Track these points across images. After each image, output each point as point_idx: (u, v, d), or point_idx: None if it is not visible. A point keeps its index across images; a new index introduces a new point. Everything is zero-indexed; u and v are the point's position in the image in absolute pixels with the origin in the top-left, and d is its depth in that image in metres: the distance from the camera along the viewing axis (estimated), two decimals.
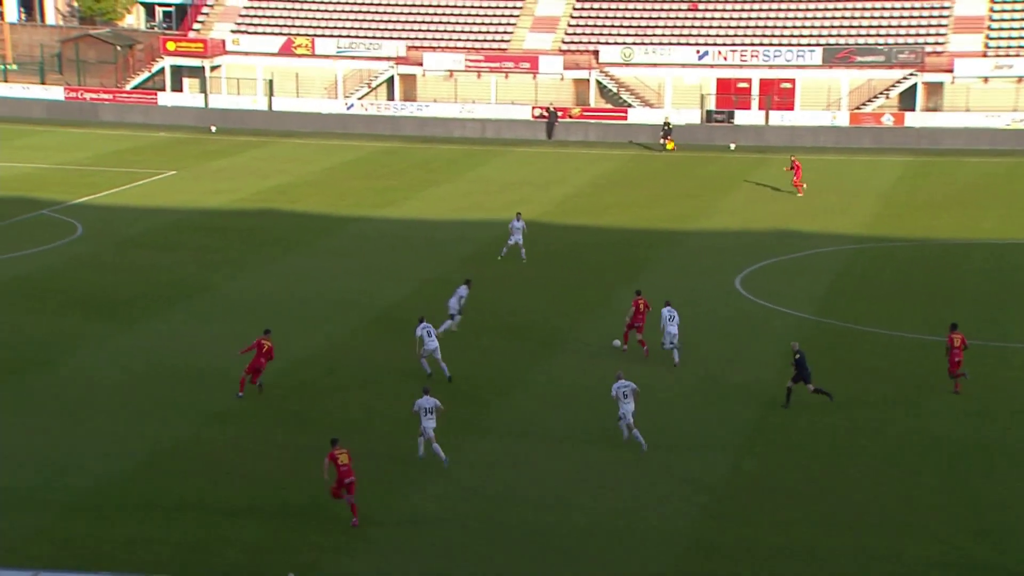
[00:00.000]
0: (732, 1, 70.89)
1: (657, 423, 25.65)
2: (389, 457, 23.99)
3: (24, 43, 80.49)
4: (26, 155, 55.41)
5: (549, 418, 26.12)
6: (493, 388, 27.74)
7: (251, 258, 38.57)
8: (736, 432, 25.44)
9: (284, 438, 24.77)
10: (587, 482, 23.17)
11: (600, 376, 28.48)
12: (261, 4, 73.96)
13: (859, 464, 24.00)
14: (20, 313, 31.85)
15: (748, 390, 27.69)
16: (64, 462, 23.35)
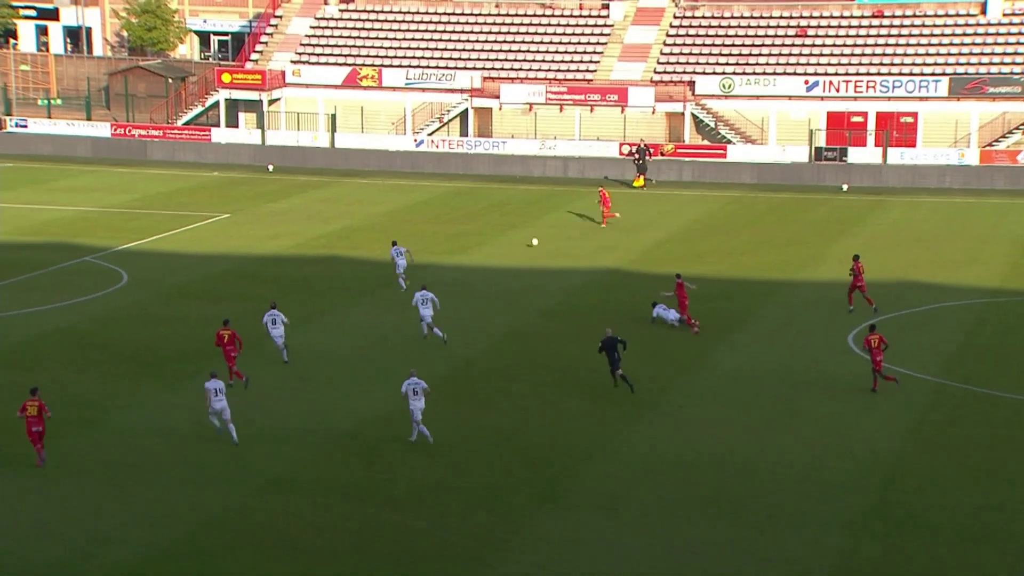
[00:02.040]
0: (845, 26, 70.71)
1: (761, 496, 25.34)
2: (460, 532, 24.02)
3: (70, 76, 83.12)
4: (70, 197, 56.99)
5: (638, 489, 25.95)
6: (575, 455, 27.68)
7: (309, 310, 39.09)
8: (851, 509, 25.03)
9: (345, 508, 24.93)
10: (681, 562, 22.94)
11: (695, 443, 28.26)
12: (324, 32, 75.55)
13: (996, 549, 23.43)
14: (61, 368, 32.62)
15: (864, 461, 27.27)
16: (105, 532, 23.74)
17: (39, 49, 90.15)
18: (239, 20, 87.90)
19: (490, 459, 27.34)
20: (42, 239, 47.77)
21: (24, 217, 52.28)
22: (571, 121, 69.16)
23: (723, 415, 30.18)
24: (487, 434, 28.75)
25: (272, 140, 69.81)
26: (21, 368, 32.45)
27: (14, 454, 26.87)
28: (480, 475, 26.45)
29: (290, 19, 76.49)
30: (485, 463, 27.11)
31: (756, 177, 63.90)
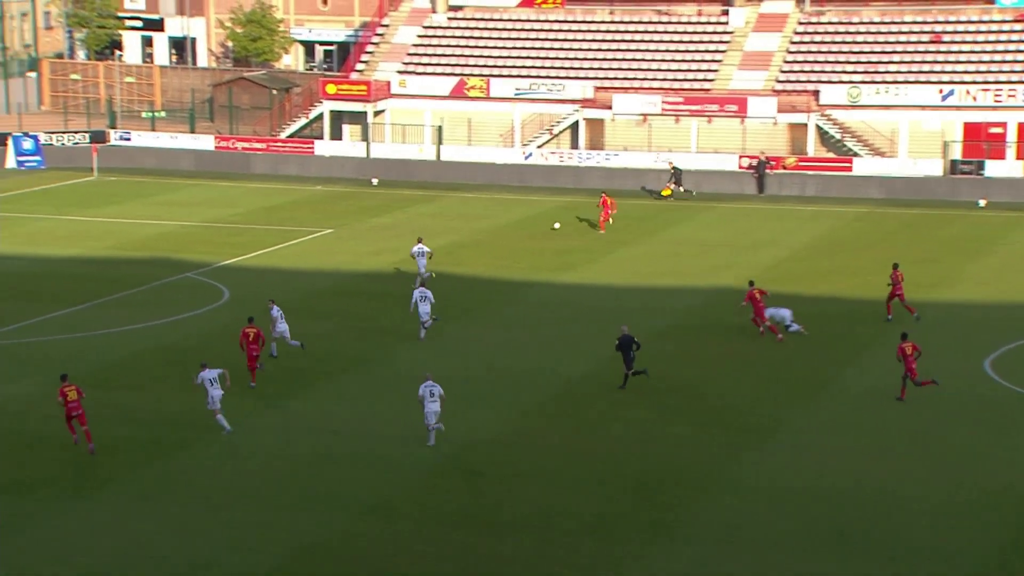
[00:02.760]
0: (984, 31, 69.16)
1: (891, 529, 24.75)
2: (567, 563, 23.88)
3: (174, 88, 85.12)
4: (172, 212, 58.24)
5: (757, 521, 25.55)
6: (688, 484, 27.37)
7: (413, 328, 39.34)
8: (988, 544, 24.31)
9: (447, 535, 24.96)
10: None
11: (818, 471, 27.75)
12: (431, 40, 76.24)
13: None
14: (160, 388, 33.27)
15: (1001, 496, 26.49)
16: (204, 556, 24.09)
17: (144, 60, 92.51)
18: (345, 29, 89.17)
19: (598, 486, 27.17)
20: (144, 254, 48.86)
21: (127, 232, 53.58)
22: (687, 133, 68.71)
23: (848, 442, 29.61)
24: (595, 460, 28.59)
25: (376, 153, 70.59)
26: (122, 387, 33.18)
27: (113, 475, 27.44)
28: (588, 503, 26.29)
29: (397, 28, 77.37)
30: (593, 490, 26.94)
31: (885, 192, 62.74)
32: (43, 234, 52.78)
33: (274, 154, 70.90)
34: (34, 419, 30.51)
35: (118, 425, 30.29)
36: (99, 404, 31.61)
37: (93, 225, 54.76)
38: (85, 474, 27.26)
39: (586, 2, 76.25)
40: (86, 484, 26.72)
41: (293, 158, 70.60)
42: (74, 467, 27.65)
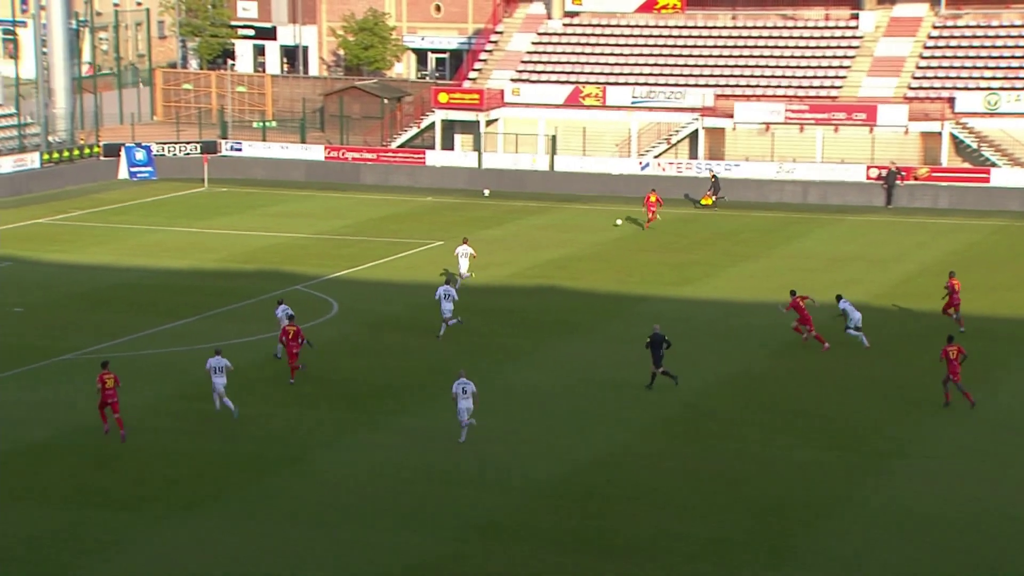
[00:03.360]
0: None
1: None
2: None
3: (285, 97, 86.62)
4: (282, 223, 59.19)
5: (883, 550, 25.05)
6: (811, 509, 26.95)
7: (524, 343, 39.39)
8: None
9: (558, 558, 24.89)
10: None
11: (949, 498, 27.12)
12: (546, 48, 76.44)
13: None
14: (268, 403, 33.78)
15: None
16: None
17: (256, 70, 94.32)
18: (458, 37, 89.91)
19: (716, 509, 26.90)
20: (254, 266, 49.69)
21: (236, 244, 54.56)
22: (812, 142, 67.85)
23: (983, 468, 28.91)
24: (713, 482, 28.31)
25: (488, 163, 70.93)
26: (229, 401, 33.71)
27: (219, 491, 27.91)
28: (705, 526, 26.04)
29: (511, 35, 77.75)
30: (711, 513, 26.68)
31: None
32: (154, 246, 54.02)
33: (384, 164, 71.66)
34: (145, 433, 31.15)
35: (224, 440, 30.82)
36: (205, 418, 32.22)
37: (203, 237, 55.89)
38: (193, 490, 27.74)
39: (708, 7, 75.82)
40: (194, 500, 27.18)
41: (403, 168, 71.29)
42: (182, 482, 28.16)
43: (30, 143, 69.50)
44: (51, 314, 40.78)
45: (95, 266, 49.36)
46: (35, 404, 32.85)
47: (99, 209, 61.94)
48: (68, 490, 27.54)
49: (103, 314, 40.27)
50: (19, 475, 28.33)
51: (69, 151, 69.96)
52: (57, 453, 29.71)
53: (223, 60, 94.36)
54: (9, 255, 51.01)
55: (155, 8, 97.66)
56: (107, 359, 32.21)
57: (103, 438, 30.70)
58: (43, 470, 28.61)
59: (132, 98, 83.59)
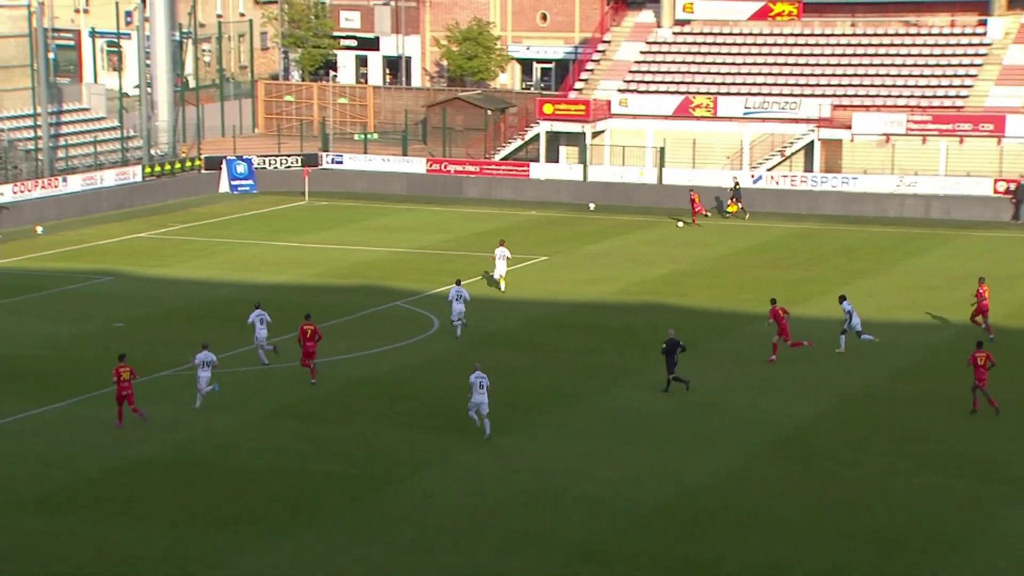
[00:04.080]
0: None
1: None
2: None
3: (387, 109, 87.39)
4: (383, 237, 59.65)
5: None
6: (937, 540, 26.33)
7: (631, 363, 39.15)
8: None
9: None
10: None
11: None
12: (656, 57, 76.18)
13: None
14: (369, 421, 33.96)
15: None
16: None
17: (358, 80, 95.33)
18: (564, 46, 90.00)
19: (834, 538, 26.42)
20: (354, 282, 50.09)
21: (337, 258, 55.08)
22: (935, 154, 66.64)
23: None
24: (830, 509, 27.83)
25: (594, 176, 70.82)
26: (329, 420, 34.00)
27: (320, 512, 28.06)
28: (822, 556, 25.58)
29: (619, 44, 77.62)
30: (828, 542, 26.22)
31: None
32: (254, 260, 54.74)
33: (487, 177, 71.90)
34: (245, 452, 31.49)
35: (325, 459, 31.03)
36: (305, 438, 32.48)
37: (302, 251, 56.52)
38: (293, 510, 27.93)
39: (825, 14, 74.97)
40: (294, 521, 27.38)
41: (507, 181, 71.46)
42: (282, 502, 28.39)
43: (132, 156, 70.92)
44: (151, 329, 41.47)
45: (194, 281, 50.14)
46: (136, 421, 33.38)
47: (199, 223, 62.99)
48: (168, 508, 27.91)
49: (201, 330, 40.85)
50: (120, 493, 28.78)
51: (171, 164, 71.26)
52: (157, 470, 30.14)
53: (325, 71, 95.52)
54: (111, 269, 52.05)
55: (258, 19, 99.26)
56: (124, 352, 33.89)
57: (203, 455, 31.11)
58: (144, 488, 29.03)
59: (234, 110, 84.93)
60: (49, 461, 30.45)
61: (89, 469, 30.01)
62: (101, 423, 33.26)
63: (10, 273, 51.17)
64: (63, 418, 33.71)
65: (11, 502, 28.03)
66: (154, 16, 73.64)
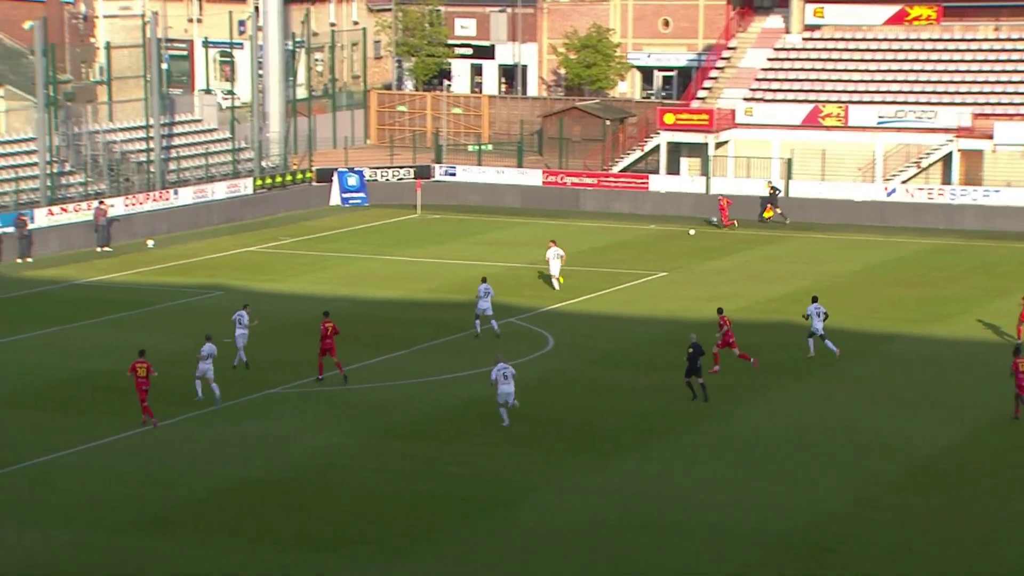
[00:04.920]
0: None
1: None
2: None
3: (502, 119, 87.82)
4: (496, 252, 59.91)
5: None
6: None
7: (755, 383, 38.80)
8: None
9: None
10: None
11: None
12: (784, 64, 75.54)
13: None
14: (477, 442, 34.08)
15: None
16: None
17: (472, 90, 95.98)
18: (687, 53, 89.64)
19: (972, 573, 25.88)
20: (466, 297, 50.23)
21: (449, 273, 55.43)
22: None
23: None
24: (968, 542, 27.31)
25: (717, 188, 70.36)
26: (437, 440, 34.20)
27: (427, 534, 28.21)
28: None
29: (744, 51, 77.10)
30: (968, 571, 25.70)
31: None
32: (365, 275, 55.34)
33: (605, 190, 71.85)
34: (351, 472, 31.80)
35: (433, 480, 31.21)
36: (412, 458, 32.72)
37: (414, 266, 57.00)
38: (401, 532, 28.11)
39: (967, 17, 73.67)
40: (401, 543, 27.56)
41: (626, 194, 71.34)
42: (388, 524, 28.59)
43: (243, 168, 72.15)
44: (260, 345, 42.15)
45: (304, 296, 50.83)
46: (243, 439, 33.94)
47: (310, 236, 63.87)
48: (274, 529, 28.28)
49: (311, 346, 41.34)
50: (226, 513, 29.23)
51: (282, 176, 72.34)
52: (264, 490, 30.56)
53: (439, 81, 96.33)
54: (222, 284, 53.01)
55: (371, 28, 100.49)
56: (144, 348, 35.27)
57: (309, 475, 31.48)
58: (250, 508, 29.44)
59: (346, 121, 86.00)
60: (155, 480, 31.05)
61: (195, 489, 30.54)
62: (208, 441, 33.87)
63: (121, 287, 52.36)
64: (170, 436, 34.37)
65: (118, 522, 28.63)
66: (267, 25, 74.86)
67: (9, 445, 33.31)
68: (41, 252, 58.04)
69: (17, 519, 28.52)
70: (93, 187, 64.87)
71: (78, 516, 28.77)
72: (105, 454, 32.87)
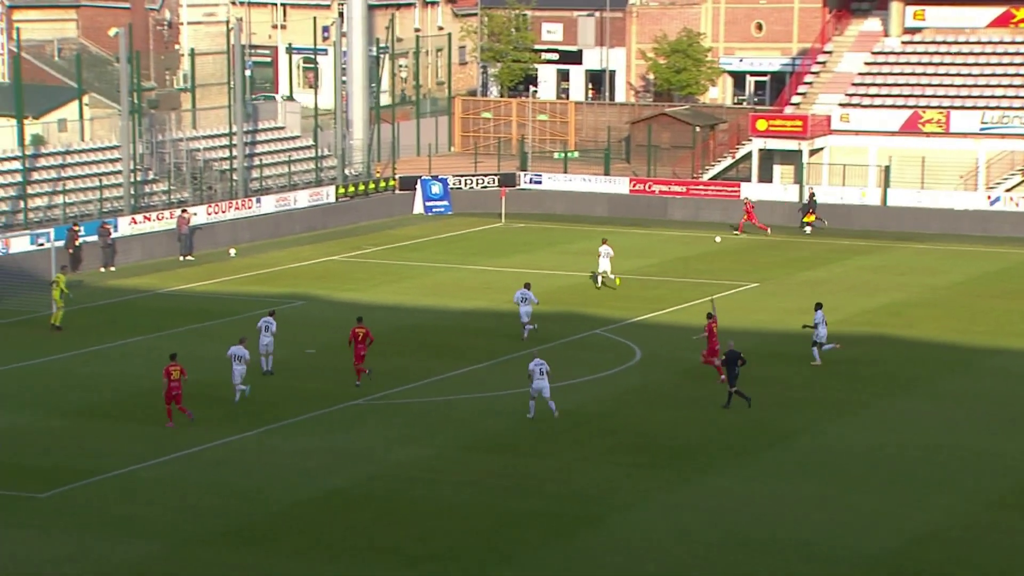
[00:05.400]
0: None
1: None
2: None
3: (588, 125, 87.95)
4: (582, 262, 59.89)
5: None
6: None
7: (850, 398, 38.55)
8: None
9: None
10: None
11: None
12: (882, 68, 74.96)
13: None
14: (566, 457, 34.16)
15: None
16: None
17: (559, 96, 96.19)
18: (780, 58, 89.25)
19: None
20: (552, 308, 50.43)
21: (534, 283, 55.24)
22: None
23: None
24: None
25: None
26: (524, 454, 34.35)
27: (515, 552, 28.35)
28: None
29: (841, 55, 76.58)
30: None
31: None
32: (448, 285, 55.69)
33: (695, 198, 71.68)
34: (437, 485, 32.01)
35: (519, 496, 31.35)
36: (498, 472, 32.89)
37: (499, 275, 57.21)
38: (486, 549, 28.30)
39: None
40: (487, 560, 27.72)
41: (716, 203, 71.10)
42: (474, 540, 28.72)
43: (326, 176, 72.91)
44: (342, 357, 42.57)
45: (387, 306, 51.24)
46: (325, 452, 34.33)
47: (392, 246, 64.36)
48: (358, 543, 28.56)
49: (393, 358, 41.76)
50: (310, 526, 29.55)
51: (364, 184, 72.98)
52: (348, 503, 30.89)
53: (524, 86, 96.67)
54: (303, 294, 53.62)
55: (456, 33, 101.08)
56: (175, 352, 37.12)
57: (394, 489, 31.78)
58: (333, 521, 29.75)
59: (430, 128, 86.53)
60: (239, 492, 31.51)
61: (279, 501, 30.96)
62: (292, 453, 34.30)
63: (204, 297, 53.16)
64: (254, 447, 34.87)
65: (201, 533, 29.10)
66: (351, 31, 75.64)
67: (94, 456, 33.98)
68: (124, 261, 59.00)
69: (104, 531, 29.08)
70: (176, 195, 65.88)
71: (164, 528, 29.28)
72: (189, 465, 33.42)
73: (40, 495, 31.01)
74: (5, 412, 37.52)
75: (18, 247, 55.80)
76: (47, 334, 46.22)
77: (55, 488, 31.43)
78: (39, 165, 63.29)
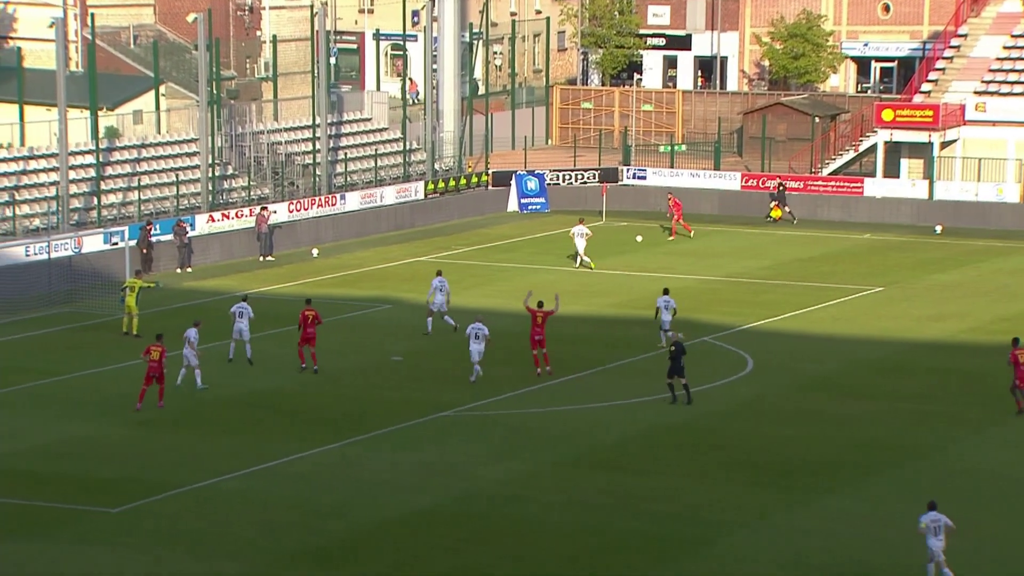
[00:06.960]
0: None
1: None
2: None
3: (697, 116, 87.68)
4: (689, 263, 59.86)
5: None
6: None
7: (986, 416, 38.12)
8: None
9: None
10: None
11: None
12: (1022, 53, 73.90)
13: None
14: (675, 473, 34.16)
15: None
16: None
17: (665, 84, 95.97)
18: (909, 42, 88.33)
19: None
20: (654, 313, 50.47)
21: (636, 286, 55.47)
22: None
23: None
24: None
25: (942, 194, 69.26)
26: (629, 471, 34.31)
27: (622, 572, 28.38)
28: None
29: (977, 38, 75.65)
30: None
31: None
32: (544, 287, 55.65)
33: (813, 195, 71.26)
34: (536, 504, 32.03)
35: (625, 515, 31.34)
36: (602, 490, 32.93)
37: (598, 278, 57.24)
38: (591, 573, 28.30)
39: None
40: None
41: (836, 199, 70.65)
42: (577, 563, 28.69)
43: (415, 171, 73.27)
44: (431, 363, 42.89)
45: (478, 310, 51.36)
46: (413, 466, 34.56)
47: (485, 245, 64.59)
48: (447, 567, 28.61)
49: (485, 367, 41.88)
50: (396, 547, 29.69)
51: (456, 180, 73.23)
52: (438, 523, 30.99)
53: (628, 74, 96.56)
54: (390, 296, 54.01)
55: (555, 17, 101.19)
56: (162, 332, 39.14)
57: (489, 507, 31.87)
58: (426, 543, 29.79)
59: (526, 119, 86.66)
60: (322, 508, 31.81)
61: (364, 519, 31.20)
62: (377, 468, 34.56)
63: (285, 299, 53.60)
64: (338, 460, 35.17)
65: (281, 551, 29.41)
66: (443, 15, 75.99)
67: (170, 468, 34.48)
68: (201, 261, 59.72)
69: (178, 548, 29.49)
70: (256, 191, 66.59)
71: (242, 545, 29.64)
72: (269, 479, 33.79)
73: (112, 510, 31.53)
74: (77, 421, 38.23)
75: (91, 246, 56.69)
76: (120, 338, 46.91)
77: (128, 503, 31.93)
78: (113, 159, 64.33)
